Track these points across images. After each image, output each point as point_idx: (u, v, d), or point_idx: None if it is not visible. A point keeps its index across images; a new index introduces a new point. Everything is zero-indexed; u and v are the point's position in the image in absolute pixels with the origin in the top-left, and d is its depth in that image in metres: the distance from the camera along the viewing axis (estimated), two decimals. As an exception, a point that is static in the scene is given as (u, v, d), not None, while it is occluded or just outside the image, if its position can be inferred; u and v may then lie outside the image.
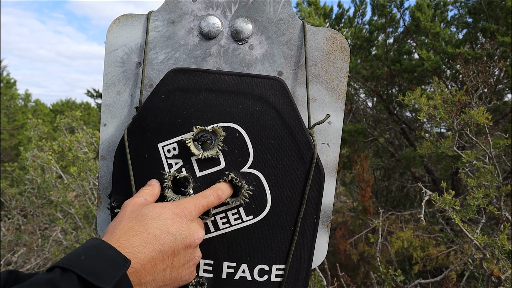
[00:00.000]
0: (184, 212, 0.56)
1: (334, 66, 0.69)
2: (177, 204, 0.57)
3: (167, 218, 0.54)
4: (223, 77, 0.64)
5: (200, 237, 0.56)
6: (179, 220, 0.54)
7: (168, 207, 0.56)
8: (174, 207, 0.56)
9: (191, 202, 0.58)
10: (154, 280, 0.50)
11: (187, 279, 0.57)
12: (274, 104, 0.63)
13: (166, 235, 0.52)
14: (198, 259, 0.58)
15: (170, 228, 0.53)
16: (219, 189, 0.61)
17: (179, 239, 0.53)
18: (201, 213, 0.59)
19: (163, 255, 0.51)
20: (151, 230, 0.51)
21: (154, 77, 0.71)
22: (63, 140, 3.12)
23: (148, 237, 0.51)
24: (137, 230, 0.51)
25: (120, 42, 0.71)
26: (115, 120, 0.72)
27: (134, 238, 0.50)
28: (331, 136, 0.70)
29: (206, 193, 0.60)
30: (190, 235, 0.55)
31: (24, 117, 9.75)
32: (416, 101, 2.02)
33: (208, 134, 0.63)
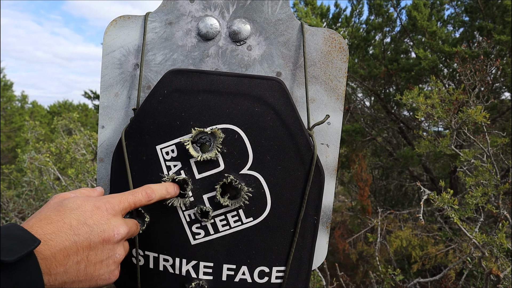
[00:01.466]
0: (106, 205, 0.53)
1: (333, 67, 0.69)
2: (100, 198, 0.54)
3: (86, 210, 0.51)
4: (222, 78, 0.63)
5: (120, 233, 0.53)
6: (99, 213, 0.52)
7: (90, 200, 0.53)
8: (96, 200, 0.54)
9: (116, 197, 0.56)
10: (65, 272, 0.48)
11: (106, 279, 0.53)
12: (273, 105, 0.62)
13: (83, 226, 0.50)
14: (119, 257, 0.54)
15: (88, 220, 0.50)
16: (149, 188, 0.59)
17: (96, 231, 0.50)
18: (127, 210, 0.56)
19: (77, 246, 0.48)
20: (67, 220, 0.49)
21: (152, 79, 0.70)
22: (60, 142, 3.11)
23: (63, 226, 0.48)
24: (53, 219, 0.49)
25: (118, 44, 0.71)
26: (113, 122, 0.71)
27: (48, 226, 0.48)
28: (330, 137, 0.70)
29: (135, 190, 0.58)
30: (109, 229, 0.52)
31: (21, 119, 9.72)
32: (413, 100, 2.02)
33: (206, 136, 0.63)
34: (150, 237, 0.66)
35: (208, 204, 0.63)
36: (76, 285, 0.50)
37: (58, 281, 0.47)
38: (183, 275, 0.66)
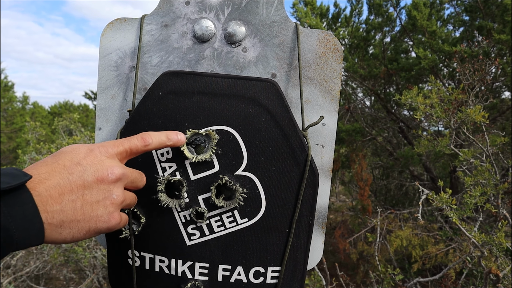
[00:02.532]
0: (100, 148, 0.54)
1: (328, 68, 0.69)
2: (95, 143, 0.56)
3: (80, 152, 0.53)
4: (216, 80, 0.64)
5: (114, 173, 0.53)
6: (92, 155, 0.53)
7: (84, 145, 0.55)
8: (90, 144, 0.55)
9: (111, 142, 0.56)
10: (62, 210, 0.48)
11: (106, 220, 0.53)
12: (267, 106, 0.63)
13: (76, 166, 0.51)
14: (117, 199, 0.54)
15: (81, 160, 0.51)
16: (146, 134, 0.58)
17: (89, 171, 0.51)
18: (122, 154, 0.56)
19: (71, 184, 0.49)
20: (61, 161, 0.51)
21: (148, 81, 0.71)
22: (61, 143, 3.12)
23: (57, 166, 0.50)
24: (48, 162, 0.50)
25: (114, 46, 0.71)
26: (110, 124, 0.72)
27: (42, 167, 0.49)
28: (325, 138, 0.70)
29: (132, 136, 0.58)
30: (103, 168, 0.52)
31: (22, 119, 9.74)
32: (412, 100, 2.02)
33: (201, 137, 0.63)
34: (145, 238, 0.67)
35: (203, 205, 0.64)
36: (75, 225, 0.50)
37: (55, 219, 0.48)
38: (179, 275, 0.66)
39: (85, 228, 0.51)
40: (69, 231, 0.50)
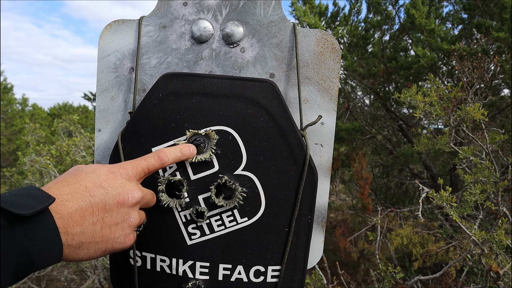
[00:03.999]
0: (120, 170, 0.55)
1: (326, 67, 0.70)
2: (115, 164, 0.56)
3: (101, 174, 0.53)
4: (215, 81, 0.64)
5: (135, 196, 0.54)
6: (113, 177, 0.53)
7: (104, 166, 0.55)
8: (110, 166, 0.55)
9: (129, 163, 0.57)
10: (82, 232, 0.49)
11: (122, 242, 0.54)
12: (265, 106, 0.63)
13: (98, 188, 0.51)
14: (134, 221, 0.55)
15: (103, 183, 0.52)
16: (162, 151, 0.59)
17: (111, 194, 0.52)
18: (140, 175, 0.57)
19: (92, 207, 0.50)
20: (83, 182, 0.51)
21: (147, 82, 0.71)
22: (60, 145, 3.12)
23: (79, 188, 0.50)
24: (69, 181, 0.50)
25: (112, 48, 0.72)
26: (110, 126, 0.72)
27: (64, 187, 0.49)
28: (324, 137, 0.71)
29: (147, 155, 0.59)
30: (124, 192, 0.53)
31: (21, 121, 9.74)
32: (412, 98, 2.02)
33: (201, 137, 0.64)
34: (147, 238, 0.67)
35: (204, 204, 0.64)
36: (92, 246, 0.51)
37: (75, 241, 0.49)
38: (179, 275, 0.67)
39: (101, 249, 0.52)
40: (87, 252, 0.51)
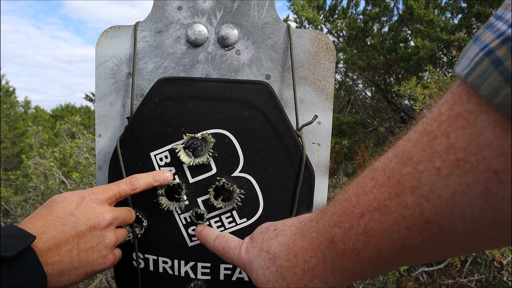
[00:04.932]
0: (91, 196, 0.57)
1: (321, 67, 0.70)
2: (85, 190, 0.59)
3: (72, 202, 0.56)
4: (210, 84, 0.65)
5: (106, 219, 0.56)
6: (83, 203, 0.56)
7: (75, 193, 0.58)
8: (81, 192, 0.58)
9: (100, 187, 0.60)
10: (60, 261, 0.51)
11: (101, 263, 0.57)
12: (261, 108, 0.64)
13: (69, 217, 0.54)
14: (110, 242, 0.57)
15: (73, 210, 0.55)
16: (134, 177, 0.62)
17: (81, 220, 0.54)
18: (112, 199, 0.60)
19: (66, 235, 0.52)
20: (54, 213, 0.54)
21: (144, 87, 0.72)
22: (63, 147, 3.14)
23: (52, 219, 0.53)
24: (42, 214, 0.54)
25: (110, 54, 0.73)
26: (109, 131, 0.73)
27: (38, 221, 0.52)
28: (321, 136, 0.71)
29: (120, 180, 0.62)
30: (94, 216, 0.56)
31: (24, 124, 9.79)
32: (411, 91, 2.02)
33: (198, 141, 0.65)
34: (149, 241, 0.68)
35: (203, 206, 0.65)
36: (73, 272, 0.54)
37: (55, 270, 0.51)
38: (182, 276, 0.68)
39: (82, 273, 0.55)
40: (68, 278, 0.53)
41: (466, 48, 0.28)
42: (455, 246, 0.29)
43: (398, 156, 0.30)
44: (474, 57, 0.26)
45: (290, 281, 0.39)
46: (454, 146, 0.26)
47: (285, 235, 0.42)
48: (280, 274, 0.40)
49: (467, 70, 0.26)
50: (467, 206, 0.26)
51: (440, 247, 0.29)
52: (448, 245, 0.29)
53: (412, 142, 0.30)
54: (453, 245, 0.29)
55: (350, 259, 0.34)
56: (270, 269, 0.41)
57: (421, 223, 0.29)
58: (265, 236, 0.45)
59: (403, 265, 0.34)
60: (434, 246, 0.30)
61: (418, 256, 0.32)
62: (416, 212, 0.29)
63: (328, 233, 0.35)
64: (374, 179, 0.32)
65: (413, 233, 0.29)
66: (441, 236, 0.28)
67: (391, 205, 0.30)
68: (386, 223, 0.31)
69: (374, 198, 0.31)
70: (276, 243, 0.42)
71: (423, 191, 0.28)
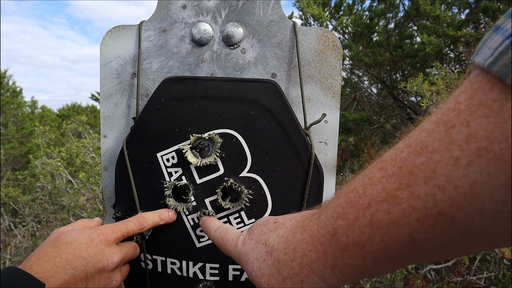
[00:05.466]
0: (100, 237, 0.57)
1: (327, 65, 0.69)
2: (94, 229, 0.58)
3: (81, 243, 0.55)
4: (217, 83, 0.64)
5: (114, 261, 0.57)
6: (93, 245, 0.56)
7: (84, 233, 0.57)
8: (90, 232, 0.57)
9: (109, 227, 0.59)
10: None
11: None
12: (268, 107, 0.63)
13: (78, 259, 0.53)
14: (116, 283, 0.58)
15: (83, 253, 0.54)
16: (142, 217, 0.62)
17: (91, 262, 0.54)
18: (120, 239, 0.60)
19: (75, 279, 0.52)
20: (63, 255, 0.53)
21: (149, 87, 0.71)
22: (70, 147, 3.16)
23: (61, 262, 0.52)
24: (51, 256, 0.53)
25: (114, 54, 0.72)
26: (115, 131, 0.73)
27: (46, 263, 0.51)
28: (328, 135, 0.70)
29: (128, 219, 0.62)
30: (104, 259, 0.55)
31: (32, 124, 9.85)
32: (418, 87, 2.00)
33: (205, 141, 0.64)
34: (156, 242, 0.68)
35: (210, 207, 0.65)
36: None
37: None
38: (190, 277, 0.68)
39: None
40: None
41: (486, 38, 0.27)
42: (468, 242, 0.28)
43: (410, 146, 0.29)
44: (498, 46, 0.25)
45: (287, 275, 0.37)
46: (475, 135, 0.25)
47: (285, 228, 0.40)
48: (276, 267, 0.38)
49: (491, 60, 0.25)
50: (487, 198, 0.25)
51: (452, 243, 0.28)
52: (461, 240, 0.27)
53: (427, 132, 0.28)
54: (466, 241, 0.27)
55: (353, 253, 0.32)
56: (267, 262, 0.39)
57: (434, 215, 0.27)
58: (264, 229, 0.43)
59: (409, 263, 0.32)
60: (445, 241, 0.28)
61: (426, 252, 0.30)
62: (429, 204, 0.27)
63: (330, 225, 0.33)
64: (383, 169, 0.30)
65: (424, 226, 0.28)
66: (455, 230, 0.27)
67: (402, 195, 0.28)
68: (395, 214, 0.29)
69: (382, 189, 0.30)
70: (275, 235, 0.40)
71: (439, 181, 0.26)
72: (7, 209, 4.46)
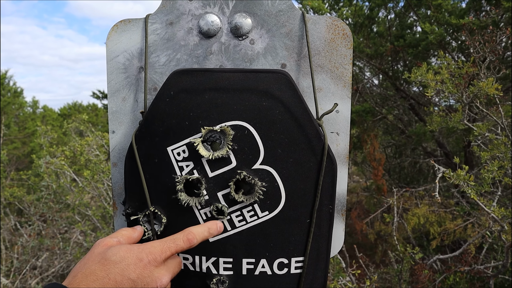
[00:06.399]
0: (149, 257, 0.55)
1: (338, 54, 0.68)
2: (143, 248, 0.56)
3: (130, 263, 0.53)
4: (227, 74, 0.63)
5: (163, 283, 0.55)
6: (142, 266, 0.54)
7: (133, 251, 0.55)
8: (139, 251, 0.55)
9: (158, 246, 0.57)
10: None
11: None
12: (280, 98, 0.62)
13: (127, 281, 0.52)
14: None
15: (131, 274, 0.53)
16: (191, 233, 0.60)
17: (140, 285, 0.53)
18: (168, 257, 0.58)
19: None
20: (112, 276, 0.51)
21: (157, 81, 0.70)
22: (74, 145, 3.16)
23: (109, 282, 0.51)
24: (99, 275, 0.51)
25: (121, 48, 0.71)
26: (123, 127, 0.72)
27: (94, 283, 0.50)
28: (340, 125, 0.69)
29: (176, 237, 0.59)
30: (152, 281, 0.54)
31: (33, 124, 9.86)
32: (422, 77, 1.98)
33: (216, 134, 0.63)
34: (168, 237, 0.67)
35: (223, 201, 0.64)
36: None
37: None
38: (203, 272, 0.67)
39: None
40: None
41: None
42: None
43: None
44: None
45: None
46: None
47: None
48: None
49: None
50: None
51: None
52: None
53: None
54: None
55: None
56: None
57: None
58: None
59: None
60: None
61: None
62: None
63: None
64: None
65: None
66: None
67: None
68: None
69: None
70: None
71: None
72: (13, 209, 4.47)
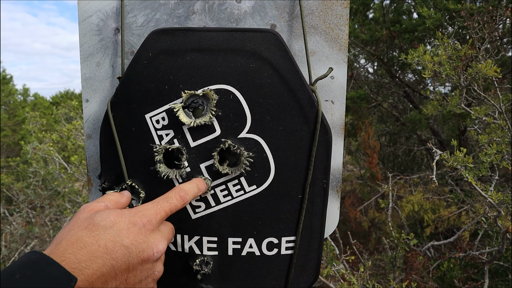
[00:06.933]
0: (143, 220, 0.49)
1: (333, 14, 0.62)
2: (135, 211, 0.50)
3: (122, 228, 0.47)
4: (211, 34, 0.57)
5: (160, 250, 0.49)
6: (136, 231, 0.47)
7: (124, 215, 0.48)
8: (131, 214, 0.49)
9: (151, 208, 0.51)
10: None
11: None
12: (269, 59, 0.56)
13: (120, 248, 0.45)
14: (158, 274, 0.51)
15: (125, 240, 0.46)
16: (182, 190, 0.54)
17: (134, 252, 0.46)
18: (164, 219, 0.52)
19: (115, 271, 0.44)
20: (102, 242, 0.45)
21: (135, 43, 0.64)
22: (61, 130, 3.08)
23: (98, 250, 0.44)
24: (86, 242, 0.44)
25: (94, 8, 0.64)
26: (98, 95, 0.66)
27: (81, 251, 0.43)
28: (335, 92, 0.64)
29: (168, 195, 0.53)
30: (148, 248, 0.48)
31: (24, 112, 9.71)
32: (420, 59, 1.92)
33: (199, 99, 0.57)
34: (147, 214, 0.61)
35: (207, 173, 0.58)
36: None
37: None
38: (186, 252, 0.62)
39: None
40: None
41: None
42: None
43: None
44: None
45: None
46: None
47: None
48: None
49: None
50: None
51: None
52: None
53: None
54: None
55: None
56: None
57: None
58: None
59: None
60: None
61: None
62: None
63: None
64: None
65: None
66: None
67: None
68: None
69: None
70: None
71: None
72: (1, 196, 4.39)
